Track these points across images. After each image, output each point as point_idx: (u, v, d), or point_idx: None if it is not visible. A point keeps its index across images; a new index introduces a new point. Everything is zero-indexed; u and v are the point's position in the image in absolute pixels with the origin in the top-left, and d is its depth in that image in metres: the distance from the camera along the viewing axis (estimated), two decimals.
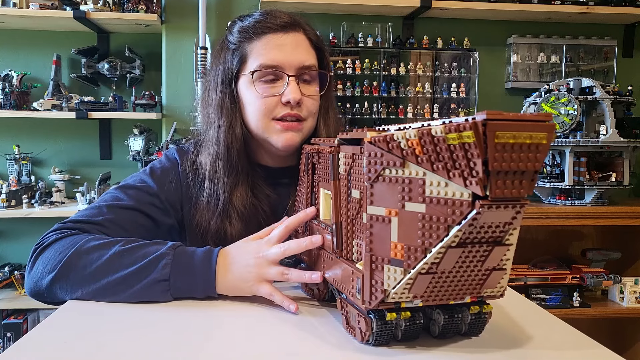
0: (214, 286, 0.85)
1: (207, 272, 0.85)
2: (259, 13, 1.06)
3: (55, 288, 0.87)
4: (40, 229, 0.94)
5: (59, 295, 0.87)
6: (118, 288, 0.84)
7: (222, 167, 1.04)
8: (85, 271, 0.85)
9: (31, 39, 2.74)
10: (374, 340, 0.67)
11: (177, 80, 2.63)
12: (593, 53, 2.86)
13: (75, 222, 0.96)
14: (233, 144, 1.04)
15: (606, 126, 2.28)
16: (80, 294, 0.86)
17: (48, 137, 2.77)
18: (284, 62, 1.01)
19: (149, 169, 1.08)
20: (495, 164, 0.51)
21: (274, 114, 1.02)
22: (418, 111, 2.72)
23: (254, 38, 1.03)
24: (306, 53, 1.04)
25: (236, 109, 1.06)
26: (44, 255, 0.90)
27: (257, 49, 1.03)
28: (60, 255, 0.87)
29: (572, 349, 0.69)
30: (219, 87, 1.06)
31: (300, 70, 1.02)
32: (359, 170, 0.69)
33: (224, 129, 1.04)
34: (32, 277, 0.89)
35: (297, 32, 1.04)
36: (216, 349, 0.68)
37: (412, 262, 0.59)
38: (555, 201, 2.41)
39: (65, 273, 0.86)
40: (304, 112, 1.03)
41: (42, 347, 0.68)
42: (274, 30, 1.02)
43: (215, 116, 1.06)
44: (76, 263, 0.86)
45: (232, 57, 1.05)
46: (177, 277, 0.85)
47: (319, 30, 2.61)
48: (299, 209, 0.93)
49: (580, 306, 2.41)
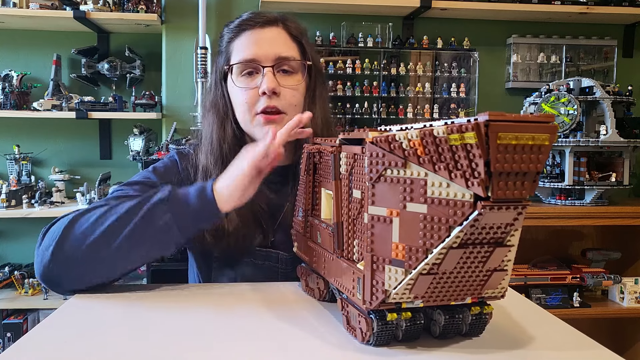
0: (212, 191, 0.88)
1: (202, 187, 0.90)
2: (245, 14, 1.10)
3: (61, 251, 0.88)
4: (40, 229, 0.94)
5: (65, 261, 0.88)
6: (121, 225, 0.87)
7: (214, 163, 1.07)
8: (88, 222, 0.88)
9: (31, 39, 2.74)
10: (375, 341, 0.67)
11: (177, 80, 2.63)
12: (593, 53, 2.86)
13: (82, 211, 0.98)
14: (224, 141, 1.08)
15: (606, 126, 2.28)
16: (85, 248, 0.87)
17: (48, 137, 2.77)
18: (259, 55, 1.04)
19: (152, 168, 1.11)
20: (497, 165, 0.51)
21: (255, 108, 1.05)
22: (418, 111, 2.72)
23: (235, 38, 1.08)
24: (283, 45, 1.07)
25: (227, 109, 1.10)
26: (52, 229, 0.92)
27: (237, 47, 1.07)
28: (66, 221, 0.90)
29: (572, 349, 0.69)
30: (212, 89, 1.12)
31: (277, 61, 1.05)
32: (360, 170, 0.69)
33: (216, 127, 1.09)
34: (41, 250, 0.90)
35: (274, 27, 1.07)
36: (216, 348, 0.68)
37: (413, 262, 0.59)
38: (555, 201, 2.41)
39: (69, 231, 0.88)
40: (282, 103, 1.05)
41: (42, 346, 0.68)
42: (251, 27, 1.06)
43: (209, 116, 1.11)
44: (79, 220, 0.90)
45: (221, 58, 1.11)
46: (176, 197, 0.89)
47: (319, 30, 2.64)
48: (299, 208, 0.93)
49: (580, 306, 2.41)
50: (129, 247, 0.87)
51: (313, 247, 0.86)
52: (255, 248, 1.08)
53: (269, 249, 1.09)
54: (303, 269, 0.94)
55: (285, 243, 1.09)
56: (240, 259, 1.09)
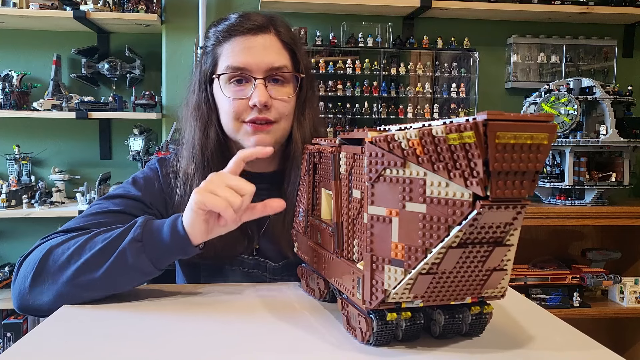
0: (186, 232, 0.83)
1: (175, 223, 0.84)
2: (234, 16, 1.06)
3: (36, 286, 0.85)
4: (40, 229, 0.94)
5: (41, 295, 0.85)
6: (96, 263, 0.83)
7: (195, 169, 1.04)
8: (62, 257, 0.85)
9: (31, 39, 2.74)
10: (375, 341, 0.67)
11: (177, 80, 2.62)
12: (593, 53, 2.86)
13: (60, 233, 0.95)
14: (207, 147, 1.04)
15: (606, 126, 2.28)
16: (60, 284, 0.84)
17: (48, 137, 2.77)
18: (251, 65, 1.00)
19: (131, 180, 1.08)
20: (496, 165, 0.51)
21: (242, 117, 1.02)
22: (418, 111, 2.72)
23: (223, 41, 1.03)
24: (276, 55, 1.02)
25: (212, 112, 1.06)
26: (25, 261, 0.90)
27: (225, 52, 1.03)
28: (39, 253, 0.88)
29: (572, 349, 0.69)
30: (196, 90, 1.08)
31: (269, 72, 1.01)
32: (359, 170, 0.69)
33: (198, 132, 1.05)
34: (17, 285, 0.88)
35: (266, 34, 1.03)
36: (215, 349, 0.68)
37: (413, 262, 0.59)
38: (555, 201, 2.41)
39: (43, 266, 0.85)
40: (273, 114, 1.02)
41: (43, 347, 0.68)
42: (242, 33, 1.02)
43: (191, 119, 1.07)
44: (54, 253, 0.86)
45: (206, 60, 1.06)
46: (149, 236, 0.84)
47: (319, 30, 2.63)
48: (300, 208, 0.93)
49: (580, 306, 2.41)
50: (104, 283, 0.84)
51: (313, 247, 0.86)
52: (241, 256, 1.07)
53: (257, 257, 1.07)
54: (303, 269, 0.94)
55: (272, 251, 1.07)
56: (229, 267, 1.07)
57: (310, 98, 1.11)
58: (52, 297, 0.85)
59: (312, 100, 1.12)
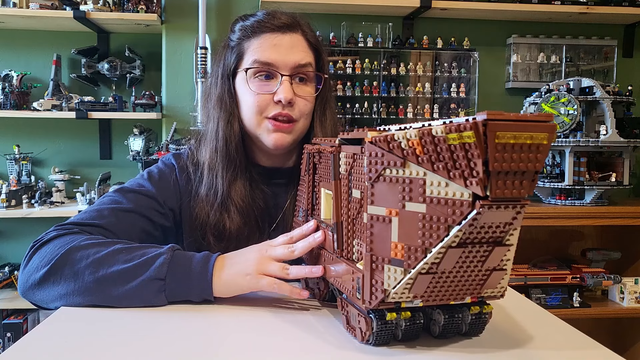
0: (210, 287, 0.84)
1: (204, 273, 0.85)
2: (261, 13, 1.07)
3: (47, 282, 0.85)
4: (40, 229, 0.93)
5: (49, 291, 0.85)
6: (112, 284, 0.83)
7: (220, 160, 1.05)
8: (80, 264, 0.84)
9: (31, 39, 2.74)
10: (374, 340, 0.67)
11: (177, 80, 2.62)
12: (593, 53, 2.86)
13: (75, 224, 0.95)
14: (231, 139, 1.05)
15: (606, 126, 2.28)
16: (71, 289, 0.83)
17: (48, 137, 2.77)
18: (278, 61, 1.02)
19: (147, 174, 1.09)
20: (495, 164, 0.51)
21: (266, 112, 1.03)
22: (418, 111, 2.72)
23: (251, 37, 1.05)
24: (302, 53, 1.04)
25: (234, 105, 1.07)
26: (42, 250, 0.88)
27: (253, 47, 1.04)
28: (59, 249, 0.86)
29: (572, 349, 0.69)
30: (218, 83, 1.09)
31: (295, 69, 1.03)
32: (359, 170, 0.69)
33: (222, 123, 1.06)
34: (27, 272, 0.88)
35: (294, 33, 1.05)
36: (215, 350, 0.69)
37: (413, 262, 0.59)
38: (555, 201, 2.41)
39: (60, 266, 0.84)
40: (295, 113, 1.03)
41: (43, 347, 0.68)
42: (271, 30, 1.03)
43: (215, 111, 1.08)
44: (73, 256, 0.85)
45: (231, 54, 1.07)
46: (173, 277, 0.84)
47: (319, 30, 2.63)
48: (300, 208, 0.93)
49: (580, 306, 2.41)
50: (114, 302, 0.84)
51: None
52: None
53: None
54: None
55: None
56: None
57: (330, 98, 1.13)
58: (59, 297, 0.85)
59: (331, 101, 1.14)
